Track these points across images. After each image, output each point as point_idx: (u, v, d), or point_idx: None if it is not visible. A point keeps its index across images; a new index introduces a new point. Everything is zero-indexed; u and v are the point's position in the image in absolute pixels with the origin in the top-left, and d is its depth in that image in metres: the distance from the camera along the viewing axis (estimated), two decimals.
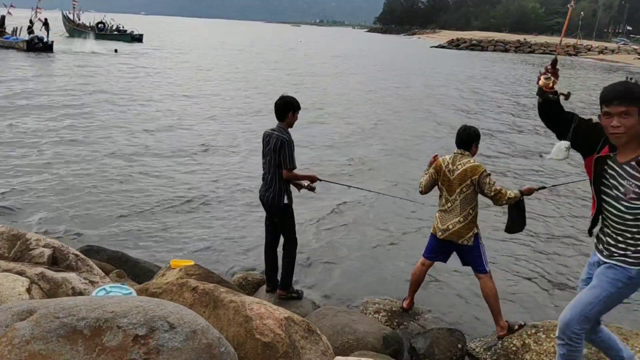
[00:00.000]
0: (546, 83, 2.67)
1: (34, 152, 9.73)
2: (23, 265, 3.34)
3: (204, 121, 13.89)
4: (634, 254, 2.58)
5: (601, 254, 2.72)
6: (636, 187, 2.47)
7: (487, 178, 3.89)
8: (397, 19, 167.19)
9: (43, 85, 17.78)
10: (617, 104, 2.43)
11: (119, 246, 5.80)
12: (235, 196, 8.12)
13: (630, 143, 2.49)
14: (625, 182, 2.52)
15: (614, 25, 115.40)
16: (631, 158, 2.50)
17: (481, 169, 3.92)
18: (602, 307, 2.66)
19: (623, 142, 2.49)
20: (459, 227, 3.99)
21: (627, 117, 2.42)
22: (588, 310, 2.65)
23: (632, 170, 2.49)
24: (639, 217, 2.53)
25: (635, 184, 2.48)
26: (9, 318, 2.00)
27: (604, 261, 2.68)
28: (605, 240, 2.70)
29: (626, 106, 2.41)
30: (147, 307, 2.14)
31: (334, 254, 6.22)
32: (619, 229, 2.61)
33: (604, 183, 2.61)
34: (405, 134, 13.72)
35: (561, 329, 2.71)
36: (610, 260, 2.64)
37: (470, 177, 3.91)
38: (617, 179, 2.55)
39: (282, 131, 4.30)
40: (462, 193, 3.96)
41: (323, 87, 22.56)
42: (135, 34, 45.68)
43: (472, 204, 3.99)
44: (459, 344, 4.04)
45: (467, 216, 3.98)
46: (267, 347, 2.65)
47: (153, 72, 24.19)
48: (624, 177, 2.52)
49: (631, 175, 2.49)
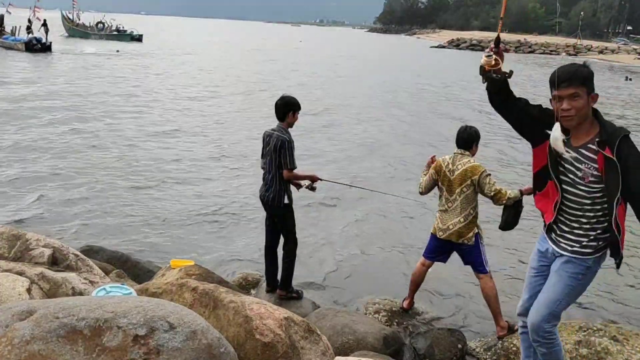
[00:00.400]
0: (487, 61, 2.59)
1: (34, 152, 9.74)
2: (23, 265, 3.34)
3: (206, 123, 13.89)
4: (589, 242, 2.56)
5: (555, 244, 2.68)
6: (594, 169, 2.45)
7: (487, 178, 3.89)
8: (397, 19, 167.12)
9: (44, 87, 17.76)
10: (565, 86, 2.43)
11: (119, 246, 5.80)
12: (235, 196, 8.12)
13: (583, 125, 2.48)
14: (582, 166, 2.48)
15: (614, 25, 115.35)
16: (586, 141, 2.47)
17: (481, 169, 3.92)
18: (568, 302, 2.68)
19: (574, 125, 2.49)
20: (460, 227, 3.99)
21: (577, 99, 2.43)
22: (555, 308, 2.66)
23: (589, 153, 2.46)
24: (597, 201, 2.50)
25: (594, 166, 2.44)
26: (9, 318, 2.00)
27: (560, 253, 2.64)
28: (560, 227, 2.66)
29: (575, 88, 2.42)
30: (147, 307, 2.13)
31: (334, 254, 6.22)
32: (575, 215, 2.58)
33: (560, 171, 2.58)
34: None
35: (534, 331, 2.72)
36: (566, 253, 2.61)
37: (471, 177, 3.91)
38: (573, 163, 2.52)
39: (283, 131, 4.30)
40: (463, 193, 3.96)
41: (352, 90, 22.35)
42: (135, 34, 45.66)
43: (473, 203, 3.99)
44: (459, 344, 4.04)
45: (467, 216, 3.98)
46: (267, 347, 2.64)
47: (154, 73, 24.17)
48: (581, 160, 2.49)
49: (588, 158, 2.46)
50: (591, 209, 2.53)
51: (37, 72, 21.64)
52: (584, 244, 2.57)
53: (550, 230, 2.72)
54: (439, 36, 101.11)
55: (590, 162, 2.46)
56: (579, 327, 3.78)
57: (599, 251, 2.57)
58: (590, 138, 2.47)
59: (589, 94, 2.44)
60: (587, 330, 3.70)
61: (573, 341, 3.62)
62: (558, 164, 2.57)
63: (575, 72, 2.44)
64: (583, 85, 2.43)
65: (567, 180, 2.56)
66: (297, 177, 4.44)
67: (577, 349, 3.54)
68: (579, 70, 2.45)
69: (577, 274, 2.59)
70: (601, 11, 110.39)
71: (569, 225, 2.61)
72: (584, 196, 2.53)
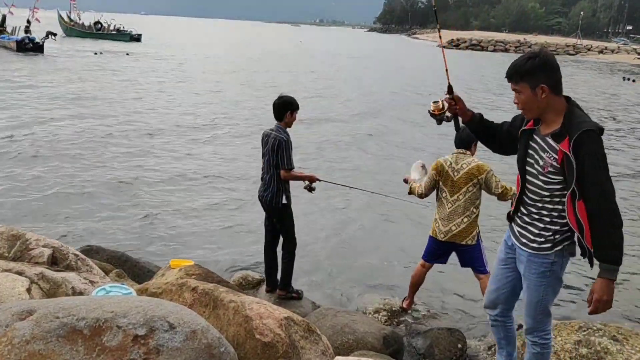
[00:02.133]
0: (435, 106, 2.82)
1: (33, 152, 9.73)
2: (23, 265, 3.34)
3: (208, 123, 13.90)
4: (549, 237, 2.52)
5: (517, 239, 2.66)
6: (554, 160, 2.42)
7: (493, 177, 3.94)
8: (397, 19, 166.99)
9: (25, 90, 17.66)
10: (510, 81, 2.49)
11: (119, 246, 5.80)
12: (235, 196, 8.12)
13: (547, 115, 2.47)
14: (545, 155, 2.47)
15: (614, 25, 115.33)
16: (551, 131, 2.45)
17: (487, 168, 3.96)
18: (549, 298, 2.65)
19: (530, 117, 2.53)
20: (463, 227, 3.99)
21: (519, 94, 2.46)
22: (541, 308, 2.66)
23: (552, 142, 2.43)
24: (555, 194, 2.47)
25: (554, 157, 2.42)
26: (8, 318, 2.00)
27: (522, 249, 2.62)
28: (522, 219, 2.64)
29: (514, 84, 2.47)
30: (146, 307, 2.13)
31: (334, 254, 6.22)
32: (536, 206, 2.55)
33: (527, 161, 2.57)
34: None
35: (531, 334, 2.75)
36: (527, 249, 2.58)
37: (477, 177, 3.93)
38: (538, 152, 2.51)
39: (280, 131, 4.30)
40: (468, 192, 3.96)
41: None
42: (134, 33, 45.62)
43: (476, 202, 4.00)
44: (459, 344, 4.04)
45: (470, 215, 3.99)
46: (267, 347, 2.64)
47: (154, 74, 24.17)
48: (545, 149, 2.47)
49: (551, 148, 2.44)
50: (550, 201, 2.49)
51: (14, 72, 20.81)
52: (544, 239, 2.53)
53: (513, 222, 2.70)
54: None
55: (552, 152, 2.43)
56: (579, 326, 3.78)
57: (558, 245, 2.52)
58: (554, 128, 2.44)
59: (533, 87, 2.41)
60: (587, 330, 3.69)
61: (573, 341, 3.61)
62: (526, 154, 2.57)
63: (515, 68, 2.46)
64: (522, 81, 2.43)
65: (532, 171, 2.54)
66: (295, 178, 4.43)
67: (577, 348, 3.54)
68: (519, 65, 2.45)
69: (544, 272, 2.56)
70: (601, 11, 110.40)
71: (531, 217, 2.58)
72: (542, 187, 2.50)
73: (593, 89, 27.17)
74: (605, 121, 16.85)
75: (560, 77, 2.45)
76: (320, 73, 28.74)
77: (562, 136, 2.38)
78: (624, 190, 8.93)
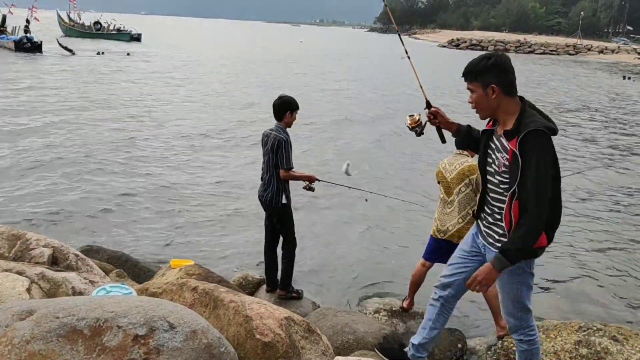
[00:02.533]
0: (412, 119, 2.93)
1: (33, 152, 9.74)
2: (23, 265, 3.34)
3: (208, 122, 13.89)
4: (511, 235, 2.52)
5: (484, 238, 2.69)
6: (506, 159, 2.44)
7: None
8: (397, 19, 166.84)
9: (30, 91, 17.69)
10: (465, 80, 2.54)
11: (119, 246, 5.80)
12: (235, 196, 8.12)
13: (500, 115, 2.50)
14: (499, 155, 2.50)
15: (614, 25, 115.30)
16: (505, 130, 2.48)
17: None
18: (524, 294, 2.67)
19: (482, 116, 2.57)
20: (459, 228, 3.99)
21: (473, 93, 2.51)
22: (519, 306, 2.69)
23: (505, 142, 2.46)
24: (505, 194, 2.49)
25: (505, 156, 2.44)
26: (9, 318, 2.00)
27: (489, 248, 2.64)
28: (486, 218, 2.67)
29: (468, 83, 2.52)
30: (147, 307, 2.14)
31: (334, 254, 6.22)
32: (498, 207, 2.57)
33: (487, 161, 2.61)
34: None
35: (515, 332, 2.78)
36: (494, 249, 2.59)
37: (469, 176, 3.89)
38: (495, 152, 2.55)
39: (280, 131, 4.30)
40: (461, 193, 3.94)
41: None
42: (134, 33, 45.64)
43: (472, 203, 3.97)
44: (459, 344, 4.04)
45: (465, 216, 3.96)
46: (267, 347, 2.65)
47: (153, 75, 24.17)
48: (499, 149, 2.51)
49: (504, 148, 2.47)
50: (504, 200, 2.51)
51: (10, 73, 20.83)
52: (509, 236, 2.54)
53: (480, 220, 2.75)
54: (439, 36, 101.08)
55: (504, 152, 2.47)
56: (579, 327, 3.77)
57: None
58: (508, 128, 2.48)
59: (485, 87, 2.45)
60: (587, 330, 3.69)
61: (573, 341, 3.61)
62: (485, 154, 2.62)
63: (469, 67, 2.51)
64: (475, 80, 2.48)
65: (490, 171, 2.59)
66: (295, 178, 4.42)
67: (577, 348, 3.53)
68: (473, 65, 2.49)
69: (514, 271, 2.56)
70: (601, 11, 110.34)
71: (493, 217, 2.61)
72: (498, 185, 2.54)
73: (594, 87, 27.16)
74: (606, 119, 16.87)
75: (514, 79, 2.48)
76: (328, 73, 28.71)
77: (513, 135, 2.41)
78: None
